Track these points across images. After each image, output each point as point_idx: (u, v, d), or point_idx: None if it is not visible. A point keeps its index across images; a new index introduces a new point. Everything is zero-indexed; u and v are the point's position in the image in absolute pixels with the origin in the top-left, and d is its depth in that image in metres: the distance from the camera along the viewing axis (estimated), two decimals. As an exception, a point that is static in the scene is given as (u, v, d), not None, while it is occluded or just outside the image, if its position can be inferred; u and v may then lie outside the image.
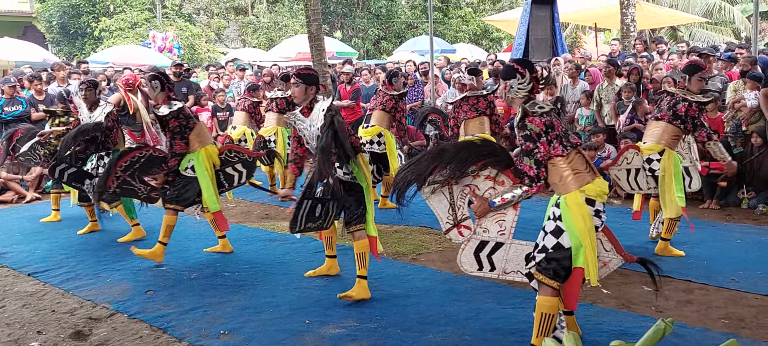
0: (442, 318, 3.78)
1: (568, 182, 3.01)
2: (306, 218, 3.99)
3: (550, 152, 3.01)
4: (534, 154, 2.99)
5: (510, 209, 3.22)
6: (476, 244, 3.30)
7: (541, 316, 3.04)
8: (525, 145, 3.01)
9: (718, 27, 19.38)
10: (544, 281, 3.03)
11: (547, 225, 3.08)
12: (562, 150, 3.01)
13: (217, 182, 5.05)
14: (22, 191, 7.95)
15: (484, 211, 3.13)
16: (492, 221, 3.27)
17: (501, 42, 24.99)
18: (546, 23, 11.49)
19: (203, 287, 4.46)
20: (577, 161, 3.04)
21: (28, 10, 25.89)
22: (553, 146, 3.01)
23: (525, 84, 3.11)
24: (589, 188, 3.01)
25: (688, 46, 9.97)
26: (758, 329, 3.51)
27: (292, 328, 3.71)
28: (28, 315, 4.08)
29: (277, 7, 26.27)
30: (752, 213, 6.23)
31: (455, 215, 3.34)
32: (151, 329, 3.78)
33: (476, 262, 3.32)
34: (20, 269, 5.04)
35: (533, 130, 2.99)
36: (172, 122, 4.84)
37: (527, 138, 3.00)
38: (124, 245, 5.56)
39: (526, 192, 3.03)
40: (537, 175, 3.00)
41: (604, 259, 3.26)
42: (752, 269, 4.49)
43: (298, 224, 3.96)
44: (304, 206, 3.94)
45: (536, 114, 3.01)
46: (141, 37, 20.12)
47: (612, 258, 3.29)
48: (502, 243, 3.28)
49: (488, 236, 3.29)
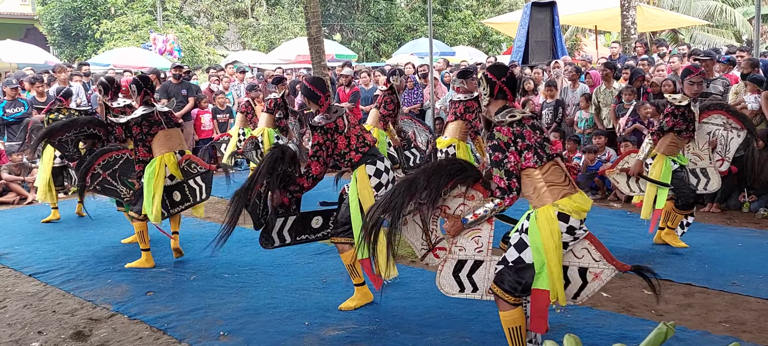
0: (442, 320, 3.77)
1: (542, 194, 2.88)
2: (295, 232, 3.93)
3: (522, 163, 2.89)
4: (504, 164, 2.87)
5: (485, 225, 3.05)
6: (453, 264, 3.12)
7: (508, 331, 2.94)
8: (494, 156, 2.89)
9: (720, 30, 19.38)
10: (500, 294, 2.90)
11: (513, 237, 2.97)
12: (534, 161, 2.88)
13: (182, 196, 4.89)
14: (23, 192, 7.96)
15: (457, 230, 2.99)
16: (467, 239, 3.08)
17: (501, 44, 25.01)
18: (546, 26, 11.49)
19: (203, 289, 4.46)
20: (554, 173, 2.90)
21: (30, 12, 25.96)
22: (525, 157, 2.88)
23: (489, 92, 3.01)
24: (563, 202, 2.85)
25: (689, 49, 9.97)
26: (760, 333, 3.50)
27: (292, 330, 3.71)
28: (29, 316, 4.09)
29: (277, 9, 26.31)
30: (753, 216, 6.23)
31: (430, 238, 3.14)
32: (151, 330, 3.78)
33: (456, 283, 3.12)
34: (21, 269, 5.05)
35: (501, 139, 2.88)
36: (134, 129, 4.76)
37: (495, 148, 2.89)
38: (125, 247, 5.57)
39: (498, 205, 2.92)
40: (508, 186, 2.88)
41: (594, 270, 3.06)
42: (753, 272, 4.48)
43: (272, 241, 3.88)
44: (276, 224, 3.85)
45: (504, 123, 2.90)
46: (142, 40, 20.15)
47: (603, 268, 3.07)
48: (482, 261, 3.09)
49: (465, 255, 3.10)
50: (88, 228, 6.39)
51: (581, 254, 3.03)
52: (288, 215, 3.93)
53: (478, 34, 25.05)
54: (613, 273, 3.07)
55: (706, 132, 4.97)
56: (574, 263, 3.04)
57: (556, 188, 2.88)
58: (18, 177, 8.02)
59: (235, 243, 5.63)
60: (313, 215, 4.04)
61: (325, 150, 3.81)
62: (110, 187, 4.99)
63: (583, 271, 3.03)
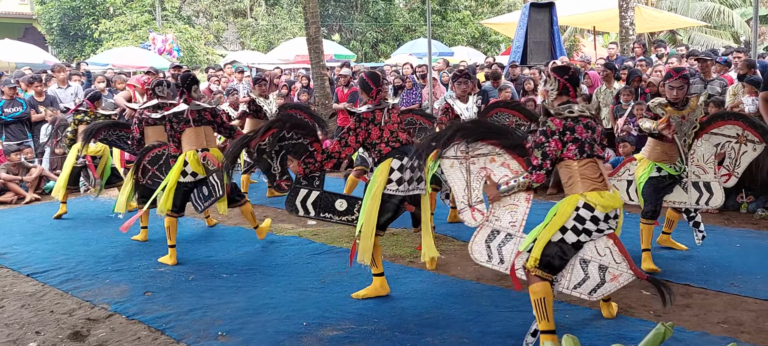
0: (440, 321, 3.78)
1: (574, 183, 3.20)
2: (318, 207, 4.21)
3: (563, 152, 3.20)
4: (543, 146, 3.20)
5: (522, 202, 3.33)
6: (488, 232, 3.38)
7: (535, 303, 3.20)
8: (538, 138, 3.22)
9: (718, 31, 19.41)
10: (539, 273, 3.18)
11: (548, 219, 3.21)
12: (574, 153, 3.19)
13: (209, 191, 5.06)
14: (21, 192, 7.95)
15: (494, 195, 3.33)
16: (504, 211, 3.36)
17: (499, 45, 25.03)
18: (544, 26, 11.50)
19: (202, 289, 4.46)
20: (590, 169, 3.20)
21: (29, 11, 25.92)
22: (567, 148, 3.19)
23: (555, 87, 3.32)
24: (591, 195, 3.15)
25: (687, 50, 9.99)
26: (758, 334, 3.51)
27: (290, 329, 3.71)
28: (27, 316, 4.08)
29: (276, 9, 26.31)
30: (752, 217, 6.23)
31: (470, 195, 3.42)
32: (149, 330, 3.77)
33: (486, 251, 3.39)
34: (19, 269, 5.04)
35: (550, 127, 3.22)
36: (166, 125, 5.03)
37: (542, 132, 3.23)
38: (123, 247, 5.56)
39: (525, 178, 3.23)
40: (540, 164, 3.20)
41: (614, 272, 3.27)
42: (751, 273, 4.49)
43: (296, 209, 4.18)
44: (299, 193, 4.17)
45: (559, 116, 3.23)
46: (140, 40, 20.14)
47: (623, 272, 3.27)
48: (513, 236, 3.35)
49: (499, 226, 3.37)
50: (87, 228, 6.38)
51: (604, 252, 3.26)
52: (311, 189, 4.22)
53: (477, 34, 25.07)
54: (630, 278, 3.28)
55: (715, 143, 4.54)
56: (596, 259, 3.28)
57: (588, 181, 3.19)
58: (16, 177, 8.01)
59: (233, 243, 5.64)
60: (337, 197, 4.28)
61: (352, 135, 4.07)
62: (159, 180, 5.27)
63: (603, 269, 3.27)
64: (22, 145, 8.36)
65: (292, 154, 4.14)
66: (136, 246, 5.60)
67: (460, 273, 4.66)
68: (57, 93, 9.19)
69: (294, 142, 4.12)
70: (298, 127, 4.09)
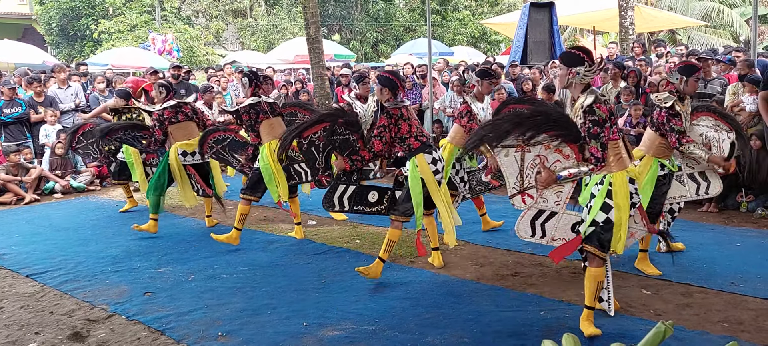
0: (441, 321, 3.77)
1: (618, 161, 3.38)
2: (353, 201, 4.44)
3: (610, 136, 3.34)
4: (600, 137, 3.30)
5: (567, 182, 3.49)
6: (535, 212, 3.57)
7: (593, 284, 3.46)
8: (593, 129, 3.30)
9: (717, 30, 19.42)
10: (595, 252, 3.41)
11: (595, 202, 3.39)
12: (616, 136, 3.37)
13: (289, 176, 5.36)
14: (21, 193, 7.94)
15: (550, 182, 3.43)
16: (551, 192, 3.53)
17: (499, 45, 25.04)
18: (544, 26, 11.49)
19: (202, 289, 4.45)
20: (621, 147, 3.41)
21: (28, 12, 25.92)
22: (613, 132, 3.35)
23: (592, 71, 3.40)
24: (631, 170, 3.43)
25: (687, 49, 9.98)
26: (758, 333, 3.50)
27: (290, 330, 3.70)
28: (27, 316, 4.08)
29: (276, 10, 26.31)
30: (751, 216, 6.23)
31: (523, 182, 3.55)
32: (149, 331, 3.77)
33: (531, 229, 3.59)
34: (19, 270, 5.03)
35: (600, 116, 3.30)
36: (244, 116, 5.31)
37: (595, 123, 3.30)
38: (123, 247, 5.56)
39: (591, 170, 3.37)
40: (602, 156, 3.32)
41: (632, 230, 3.58)
42: (752, 272, 4.49)
43: (333, 204, 4.40)
44: (338, 189, 4.39)
45: (602, 102, 3.32)
46: (140, 40, 20.14)
47: (638, 229, 3.64)
48: (556, 212, 3.56)
49: (546, 206, 3.56)
50: (86, 229, 6.38)
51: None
52: (349, 184, 4.45)
53: (477, 34, 25.08)
54: (644, 233, 3.71)
55: (699, 133, 4.73)
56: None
57: (622, 158, 3.40)
58: (15, 177, 8.00)
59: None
60: (370, 189, 4.53)
61: (388, 132, 4.29)
62: (223, 156, 5.65)
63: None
64: (21, 145, 8.36)
65: (338, 150, 4.35)
66: (136, 247, 5.60)
67: (460, 273, 4.66)
68: (57, 93, 9.18)
69: (342, 138, 4.32)
70: (348, 124, 4.29)
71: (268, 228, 6.23)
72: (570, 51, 3.51)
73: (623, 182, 3.35)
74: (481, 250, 5.20)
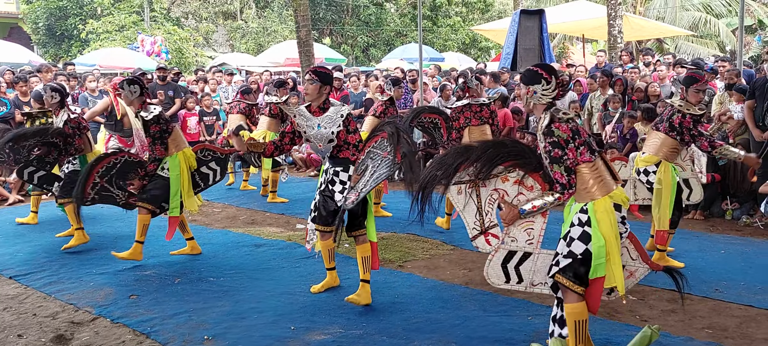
0: (428, 325, 3.77)
1: (599, 186, 2.97)
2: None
3: (578, 159, 2.96)
4: (563, 161, 2.93)
5: (538, 217, 3.11)
6: (504, 254, 3.17)
7: (574, 324, 2.97)
8: (553, 152, 2.94)
9: (704, 40, 19.69)
10: (570, 286, 2.94)
11: (573, 231, 2.99)
12: (589, 155, 2.97)
13: (193, 183, 5.13)
14: (4, 194, 7.84)
15: (513, 218, 3.04)
16: (520, 230, 3.13)
17: (489, 51, 25.16)
18: (534, 33, 11.59)
19: (187, 293, 4.42)
20: (601, 168, 3.01)
21: (14, 11, 25.62)
22: (581, 152, 2.96)
23: (550, 90, 3.04)
24: (615, 194, 2.99)
25: (674, 59, 10.10)
26: (741, 339, 3.54)
27: (277, 334, 3.68)
28: (9, 319, 4.01)
29: (266, 12, 26.26)
30: (736, 224, 6.30)
31: (483, 221, 3.22)
32: (134, 334, 3.73)
33: (504, 274, 3.19)
34: (1, 272, 4.96)
35: (560, 136, 2.93)
36: (152, 127, 4.87)
37: (555, 145, 2.93)
38: (107, 250, 5.50)
39: (557, 199, 2.97)
40: (568, 182, 2.94)
41: (630, 268, 3.17)
42: (736, 279, 4.53)
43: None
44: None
45: (562, 120, 2.96)
46: (128, 40, 19.99)
47: (638, 267, 3.18)
48: (530, 253, 3.16)
49: (516, 246, 3.16)
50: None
51: (622, 251, 3.09)
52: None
53: (468, 40, 25.20)
54: (646, 272, 3.19)
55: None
56: None
57: (605, 182, 2.99)
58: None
59: (219, 246, 5.59)
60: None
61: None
62: (107, 193, 4.98)
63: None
64: None
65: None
66: (121, 249, 5.53)
67: (449, 277, 4.66)
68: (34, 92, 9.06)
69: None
70: (407, 134, 3.81)
71: (255, 231, 6.19)
72: (530, 68, 3.16)
73: (607, 209, 2.94)
74: (470, 255, 5.21)
